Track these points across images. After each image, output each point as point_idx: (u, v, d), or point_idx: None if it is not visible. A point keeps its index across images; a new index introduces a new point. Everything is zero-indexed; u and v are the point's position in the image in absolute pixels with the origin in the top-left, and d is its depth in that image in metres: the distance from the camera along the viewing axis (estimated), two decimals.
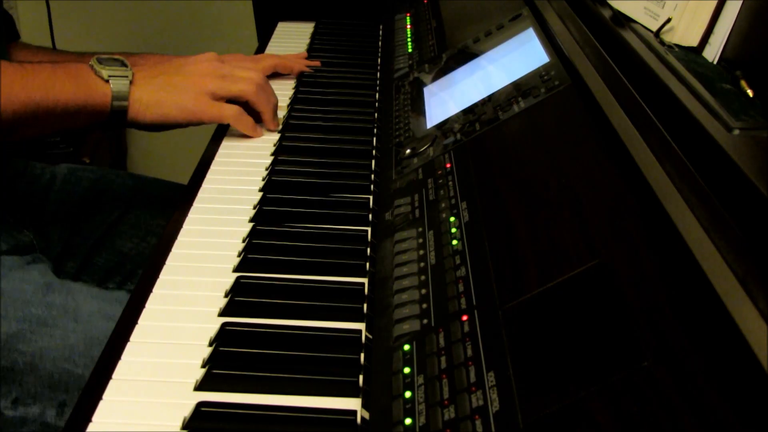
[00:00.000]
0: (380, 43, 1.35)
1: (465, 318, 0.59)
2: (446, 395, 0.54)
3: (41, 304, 0.86)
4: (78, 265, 1.10)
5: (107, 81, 0.88)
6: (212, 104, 0.93)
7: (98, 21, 2.24)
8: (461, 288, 0.62)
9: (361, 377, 0.60)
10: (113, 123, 0.90)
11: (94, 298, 0.89)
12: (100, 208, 1.12)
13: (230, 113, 0.94)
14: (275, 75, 1.16)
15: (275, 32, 1.40)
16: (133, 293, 0.71)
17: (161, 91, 0.91)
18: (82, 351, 0.83)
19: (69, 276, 1.08)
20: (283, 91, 1.13)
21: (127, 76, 0.89)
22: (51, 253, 1.07)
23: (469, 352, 0.55)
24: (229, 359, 0.61)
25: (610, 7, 0.87)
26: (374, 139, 0.99)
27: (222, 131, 1.00)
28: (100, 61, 0.89)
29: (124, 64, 0.91)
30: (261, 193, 0.86)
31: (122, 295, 0.91)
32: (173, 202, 1.13)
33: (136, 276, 1.11)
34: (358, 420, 0.57)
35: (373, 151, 0.96)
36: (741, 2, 0.71)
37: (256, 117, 0.99)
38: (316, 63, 1.21)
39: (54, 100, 0.85)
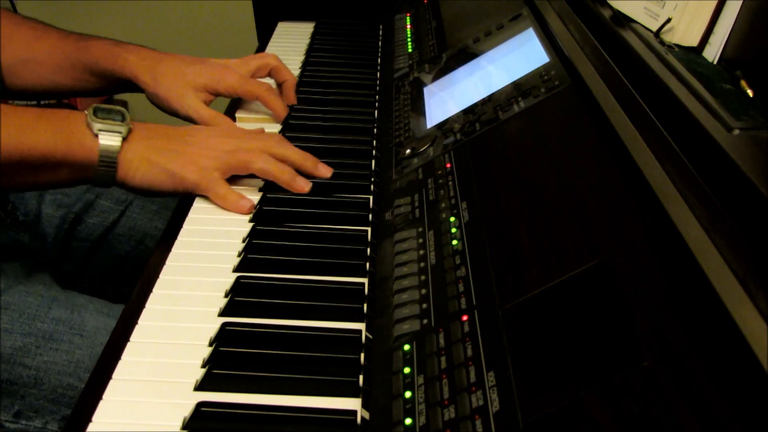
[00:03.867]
0: (380, 43, 1.35)
1: (465, 318, 0.59)
2: (446, 395, 0.54)
3: (47, 318, 0.86)
4: (75, 267, 1.10)
5: (96, 135, 0.78)
6: (197, 171, 0.82)
7: (98, 21, 2.25)
8: (461, 288, 0.62)
9: (361, 377, 0.60)
10: (101, 182, 0.81)
11: (99, 313, 0.89)
12: (97, 210, 1.11)
13: (208, 183, 0.82)
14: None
15: (275, 32, 1.40)
16: (133, 293, 0.71)
17: (154, 153, 0.81)
18: (87, 366, 0.84)
19: (67, 279, 1.07)
20: None
21: (121, 132, 0.79)
22: (47, 255, 1.07)
23: (469, 352, 0.56)
24: (229, 359, 0.61)
25: (610, 7, 0.87)
26: (374, 139, 0.99)
27: None
28: (95, 112, 0.79)
29: (123, 118, 0.81)
30: (261, 193, 0.86)
31: None
32: (171, 204, 1.13)
33: (134, 279, 1.11)
34: (358, 420, 0.57)
35: (373, 151, 0.96)
36: (741, 2, 0.71)
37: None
38: (293, 101, 1.09)
39: (29, 148, 0.76)
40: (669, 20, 0.78)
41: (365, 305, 0.68)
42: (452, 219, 0.71)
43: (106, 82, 1.02)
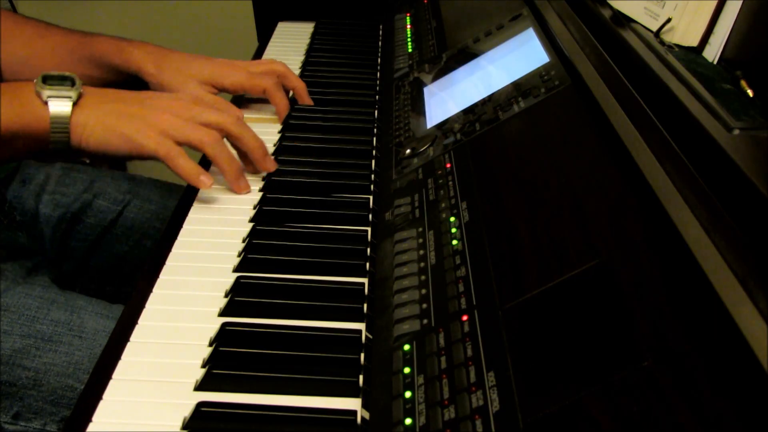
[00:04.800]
0: (380, 43, 1.35)
1: (465, 318, 0.59)
2: (446, 395, 0.54)
3: (46, 320, 0.86)
4: (74, 268, 1.10)
5: (46, 103, 0.78)
6: (155, 138, 0.80)
7: (98, 20, 2.24)
8: (461, 288, 0.62)
9: (361, 377, 0.60)
10: (59, 150, 0.80)
11: (98, 315, 0.89)
12: (95, 210, 1.11)
13: (168, 152, 0.80)
14: None
15: (275, 32, 1.40)
16: (132, 293, 0.71)
17: (109, 116, 0.80)
18: (86, 368, 0.83)
19: (66, 279, 1.07)
20: None
21: (70, 97, 0.79)
22: (46, 256, 1.07)
23: (469, 352, 0.55)
24: (229, 359, 0.61)
25: (610, 7, 0.87)
26: (374, 139, 0.99)
27: None
28: (44, 80, 0.79)
29: (73, 83, 0.80)
30: (261, 193, 0.86)
31: None
32: (170, 204, 1.13)
33: (133, 279, 1.11)
34: (358, 420, 0.57)
35: (373, 151, 0.96)
36: (741, 2, 0.71)
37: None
38: (309, 102, 1.09)
39: None
40: (669, 20, 0.78)
41: (365, 305, 0.68)
42: (452, 219, 0.71)
43: (111, 75, 1.02)
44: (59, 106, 0.78)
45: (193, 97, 0.88)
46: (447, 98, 0.97)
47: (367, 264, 0.74)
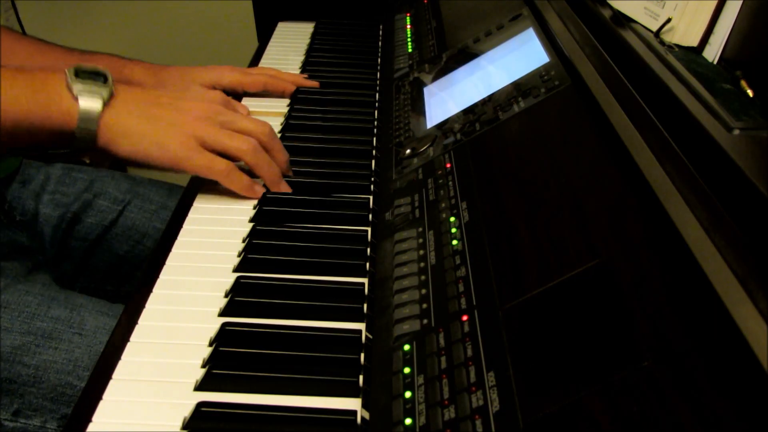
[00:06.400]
0: (380, 43, 1.35)
1: (465, 318, 0.59)
2: (446, 395, 0.54)
3: (46, 317, 0.86)
4: (74, 267, 1.10)
5: (76, 98, 0.74)
6: (201, 153, 0.78)
7: (98, 20, 2.25)
8: (461, 288, 0.62)
9: (361, 377, 0.60)
10: (84, 148, 0.76)
11: (99, 313, 0.89)
12: (95, 210, 1.11)
13: (221, 169, 0.79)
14: None
15: (275, 32, 1.40)
16: (132, 293, 0.71)
17: (143, 121, 0.77)
18: (86, 365, 0.84)
19: (66, 278, 1.07)
20: None
21: (101, 95, 0.75)
22: (46, 255, 1.07)
23: (469, 352, 0.56)
24: (229, 359, 0.61)
25: (610, 7, 0.87)
26: (374, 139, 0.99)
27: None
28: (76, 73, 0.76)
29: (105, 80, 0.77)
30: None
31: None
32: (170, 204, 1.13)
33: (133, 279, 1.11)
34: (358, 420, 0.57)
35: (373, 151, 0.96)
36: (741, 2, 0.71)
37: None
38: (315, 84, 1.12)
39: (2, 110, 0.72)
40: (669, 20, 0.78)
41: (365, 305, 0.68)
42: (452, 219, 0.71)
43: None
44: (89, 102, 0.75)
45: (222, 99, 0.87)
46: (447, 98, 0.97)
47: (367, 264, 0.74)
